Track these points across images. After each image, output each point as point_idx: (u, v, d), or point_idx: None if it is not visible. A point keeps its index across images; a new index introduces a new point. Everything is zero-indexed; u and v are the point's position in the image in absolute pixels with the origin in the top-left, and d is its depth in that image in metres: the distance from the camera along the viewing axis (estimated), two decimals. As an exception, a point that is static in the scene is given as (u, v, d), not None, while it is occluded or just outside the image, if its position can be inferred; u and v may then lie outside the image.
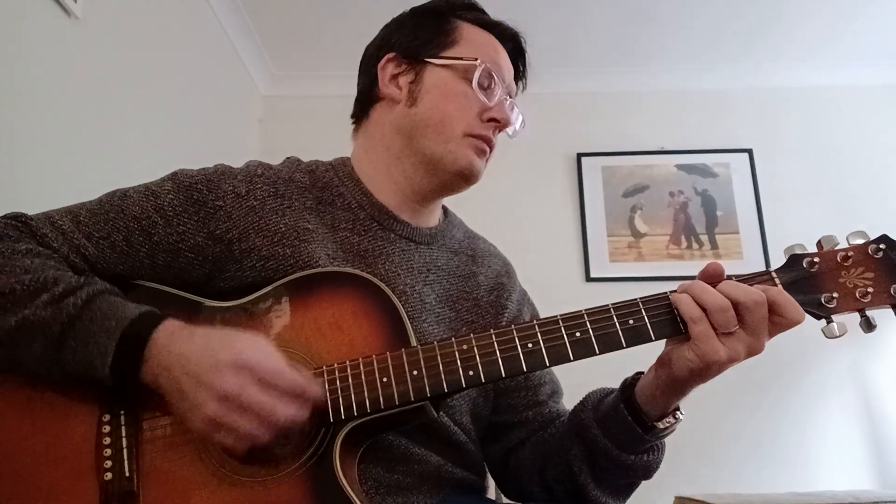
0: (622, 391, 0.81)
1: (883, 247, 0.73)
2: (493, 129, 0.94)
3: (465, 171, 0.92)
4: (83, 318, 0.70)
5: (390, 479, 0.79)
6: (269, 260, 0.83)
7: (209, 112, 2.35)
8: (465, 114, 0.91)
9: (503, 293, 0.99)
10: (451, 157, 0.91)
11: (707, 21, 2.57)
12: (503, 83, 0.94)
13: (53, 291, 0.71)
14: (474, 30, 0.97)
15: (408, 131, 0.93)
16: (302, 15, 2.53)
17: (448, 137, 0.91)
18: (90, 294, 0.72)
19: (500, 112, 0.93)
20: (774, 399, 2.48)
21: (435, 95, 0.92)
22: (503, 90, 0.94)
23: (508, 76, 0.97)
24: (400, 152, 0.94)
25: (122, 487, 0.70)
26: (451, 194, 0.98)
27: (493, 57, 0.94)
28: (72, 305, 0.71)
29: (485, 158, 0.95)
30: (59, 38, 1.47)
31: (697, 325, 0.70)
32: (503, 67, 0.96)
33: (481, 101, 0.92)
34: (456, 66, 0.92)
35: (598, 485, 0.84)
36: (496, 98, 0.93)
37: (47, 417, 0.73)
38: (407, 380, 0.73)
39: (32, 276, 0.72)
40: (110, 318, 0.71)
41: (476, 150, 0.92)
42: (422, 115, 0.92)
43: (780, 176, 2.75)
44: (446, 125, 0.91)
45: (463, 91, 0.92)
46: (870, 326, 0.72)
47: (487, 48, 0.95)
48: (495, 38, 0.97)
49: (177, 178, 0.86)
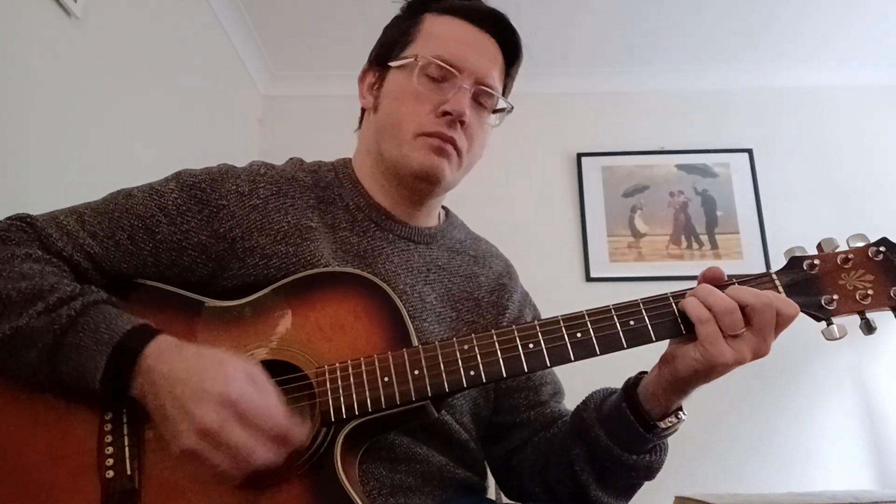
0: (625, 391, 0.81)
1: (883, 249, 0.74)
2: (448, 124, 0.88)
3: (421, 173, 0.89)
4: (76, 328, 0.70)
5: (393, 480, 0.80)
6: (272, 258, 0.83)
7: (209, 112, 2.35)
8: (416, 114, 0.89)
9: (504, 294, 0.99)
10: (405, 160, 0.90)
11: (707, 21, 2.57)
12: (462, 71, 0.89)
13: (48, 300, 0.71)
14: (437, 21, 0.94)
15: (376, 138, 0.94)
16: (302, 15, 2.53)
17: (401, 141, 0.90)
18: (85, 304, 0.72)
19: (452, 104, 0.88)
20: (774, 399, 2.48)
21: (390, 99, 0.93)
22: (467, 77, 0.89)
23: (474, 61, 0.90)
24: (377, 157, 0.94)
25: (124, 486, 0.70)
26: (426, 197, 0.95)
27: (446, 46, 0.90)
28: (65, 316, 0.71)
29: (446, 156, 0.89)
30: (59, 38, 1.47)
31: (705, 326, 0.70)
32: (465, 52, 0.90)
33: (435, 98, 0.89)
34: (406, 65, 0.91)
35: (599, 485, 0.84)
36: (455, 89, 0.88)
37: (49, 416, 0.73)
38: (408, 379, 0.73)
39: (29, 283, 0.72)
40: (103, 330, 0.70)
41: (431, 150, 0.88)
42: (381, 121, 0.94)
43: (780, 176, 2.75)
44: (399, 128, 0.90)
45: (414, 90, 0.89)
46: (870, 329, 0.73)
47: (443, 37, 0.91)
48: (465, 22, 0.93)
49: (181, 178, 0.87)
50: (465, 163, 0.93)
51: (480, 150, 0.97)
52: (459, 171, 0.93)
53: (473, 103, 0.91)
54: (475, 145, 0.94)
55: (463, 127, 0.90)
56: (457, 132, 0.89)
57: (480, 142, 0.95)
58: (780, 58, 2.80)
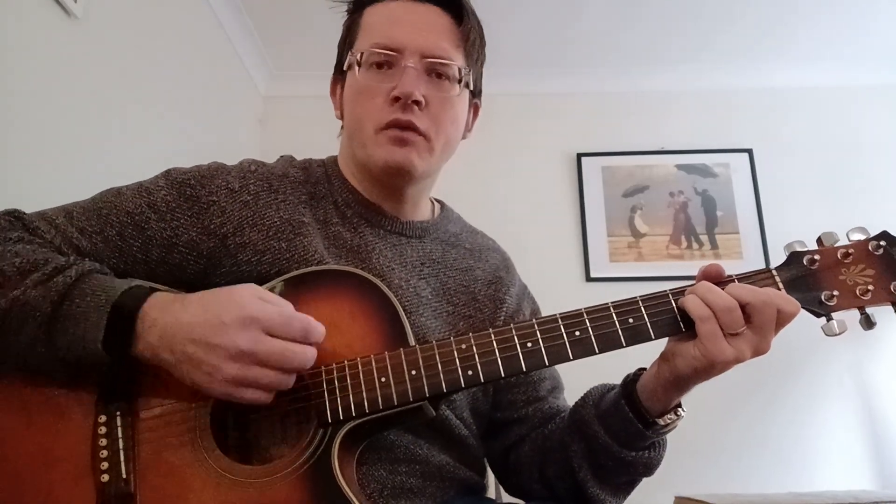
0: (623, 387, 0.81)
1: (883, 244, 0.73)
2: (401, 108, 0.85)
3: (388, 168, 0.87)
4: (73, 295, 0.70)
5: (394, 481, 0.79)
6: (264, 254, 0.82)
7: (209, 112, 2.35)
8: (371, 110, 0.87)
9: (501, 287, 0.99)
10: (371, 160, 0.89)
11: (707, 21, 2.57)
12: (403, 50, 0.86)
13: (43, 271, 0.71)
14: (374, 10, 0.91)
15: (349, 143, 0.94)
16: (302, 15, 2.53)
17: (364, 141, 0.89)
18: (80, 272, 0.72)
19: (399, 86, 0.85)
20: (774, 399, 2.47)
21: (349, 103, 0.92)
22: (410, 55, 0.86)
23: (413, 36, 0.87)
24: (353, 161, 0.94)
25: (120, 489, 0.69)
26: (404, 189, 0.93)
27: (382, 31, 0.88)
28: (61, 284, 0.70)
29: (409, 145, 0.86)
30: (59, 38, 1.47)
31: (705, 324, 0.69)
32: (402, 31, 0.87)
33: (384, 87, 0.86)
34: (350, 64, 0.91)
35: (597, 482, 0.84)
36: (400, 70, 0.86)
37: (42, 419, 0.73)
38: (405, 380, 0.72)
39: (22, 259, 0.72)
40: (99, 293, 0.70)
41: (392, 142, 0.86)
42: (347, 127, 0.94)
43: (780, 176, 2.75)
44: (361, 128, 0.89)
45: (365, 86, 0.88)
46: (869, 324, 0.72)
47: (379, 24, 0.90)
48: (400, 1, 0.90)
49: (170, 175, 0.86)
50: (437, 145, 0.89)
51: (455, 127, 0.92)
52: (433, 155, 0.90)
53: (430, 79, 0.88)
54: (443, 122, 0.89)
55: (421, 108, 0.86)
56: (414, 114, 0.85)
57: (450, 117, 0.90)
58: (780, 58, 2.80)
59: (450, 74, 0.89)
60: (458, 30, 0.90)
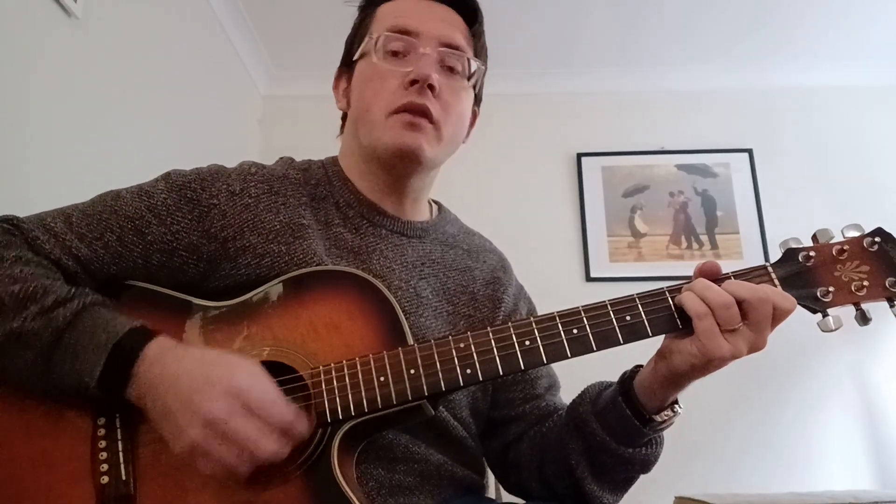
0: (620, 384, 0.81)
1: (878, 240, 0.74)
2: (417, 92, 0.86)
3: (398, 151, 0.88)
4: (73, 330, 0.70)
5: (392, 480, 0.79)
6: (264, 257, 0.82)
7: (209, 112, 2.36)
8: (383, 94, 0.88)
9: (499, 287, 0.99)
10: (380, 143, 0.89)
11: (707, 21, 2.57)
12: (421, 35, 0.88)
13: (43, 303, 0.71)
14: (388, 6, 0.94)
15: (354, 131, 0.94)
16: (302, 15, 2.54)
17: (373, 126, 0.89)
18: (80, 306, 0.72)
19: (416, 69, 0.86)
20: (774, 399, 2.47)
21: (357, 90, 0.93)
22: (427, 41, 0.88)
23: (431, 24, 0.90)
24: (358, 151, 0.95)
25: (119, 491, 0.69)
26: (409, 178, 0.93)
27: (397, 19, 0.90)
28: (62, 318, 0.70)
29: (420, 131, 0.87)
30: (59, 38, 1.47)
31: (702, 320, 0.69)
32: (420, 18, 0.90)
33: (399, 71, 0.87)
34: (366, 50, 0.92)
35: (595, 479, 0.84)
36: (418, 56, 0.88)
37: (41, 422, 0.73)
38: (404, 379, 0.72)
39: (21, 287, 0.71)
40: (100, 331, 0.70)
41: (403, 127, 0.87)
42: (353, 113, 0.94)
43: (780, 176, 2.75)
44: (370, 111, 0.90)
45: (377, 73, 0.89)
46: (865, 319, 0.73)
47: (391, 13, 0.92)
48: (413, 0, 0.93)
49: (170, 178, 0.86)
50: (444, 135, 0.90)
51: (461, 123, 0.94)
52: (440, 144, 0.90)
53: (443, 69, 0.90)
54: (452, 114, 0.91)
55: (434, 93, 0.87)
56: (428, 99, 0.87)
57: (458, 111, 0.92)
58: (780, 58, 2.80)
59: (461, 68, 0.92)
60: (470, 31, 0.94)
